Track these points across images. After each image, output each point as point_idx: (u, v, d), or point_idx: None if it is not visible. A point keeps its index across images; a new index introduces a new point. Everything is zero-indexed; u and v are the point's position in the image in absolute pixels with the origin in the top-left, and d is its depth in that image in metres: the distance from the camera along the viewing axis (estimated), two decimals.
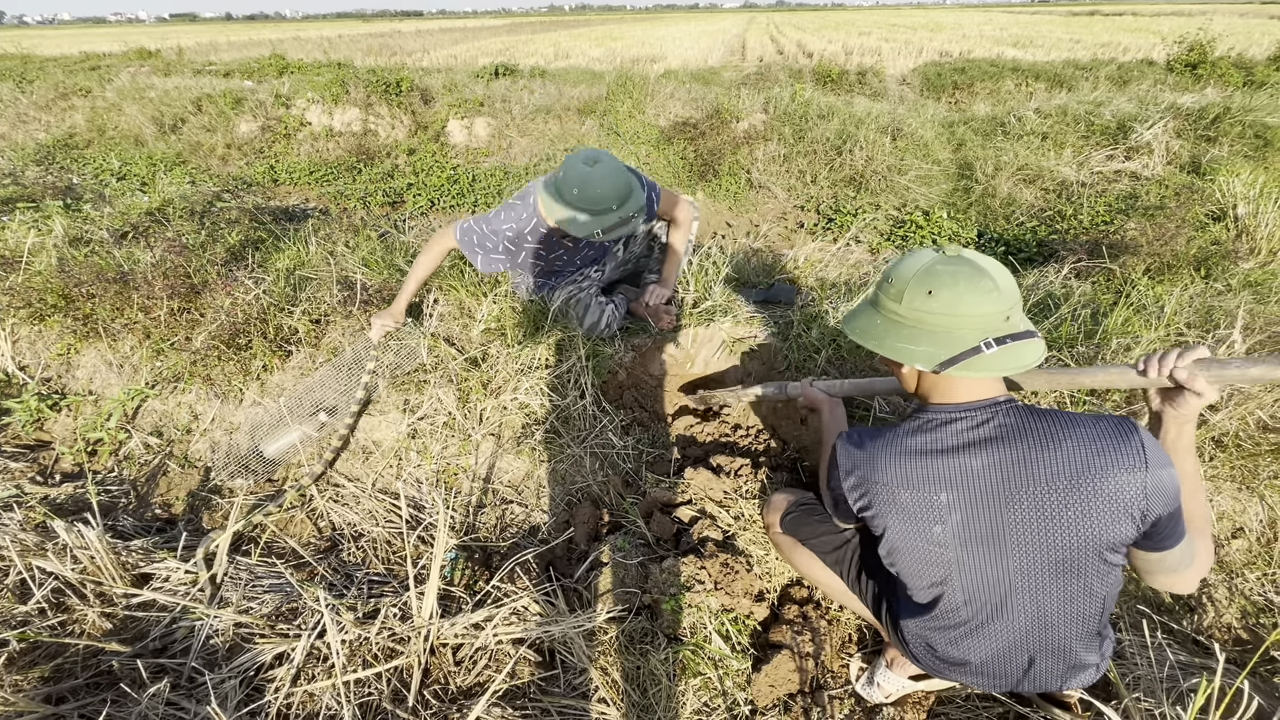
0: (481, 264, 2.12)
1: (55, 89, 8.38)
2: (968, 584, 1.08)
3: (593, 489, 1.96)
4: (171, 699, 1.32)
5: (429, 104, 6.92)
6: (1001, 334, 1.05)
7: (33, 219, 3.15)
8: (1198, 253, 3.21)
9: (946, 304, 1.05)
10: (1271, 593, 1.60)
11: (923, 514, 1.08)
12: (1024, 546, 1.04)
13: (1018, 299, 1.08)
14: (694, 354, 2.32)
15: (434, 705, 1.34)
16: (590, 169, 1.81)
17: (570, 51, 17.60)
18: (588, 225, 1.85)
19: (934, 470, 1.07)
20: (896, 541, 1.13)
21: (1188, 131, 5.30)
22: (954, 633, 1.12)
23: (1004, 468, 1.03)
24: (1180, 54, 9.77)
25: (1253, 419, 1.72)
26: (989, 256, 1.09)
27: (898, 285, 1.11)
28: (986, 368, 1.04)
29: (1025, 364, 1.05)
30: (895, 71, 11.56)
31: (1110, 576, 1.04)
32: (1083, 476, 0.98)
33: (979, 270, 1.05)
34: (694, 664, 1.40)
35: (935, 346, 1.06)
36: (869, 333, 1.16)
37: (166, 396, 2.35)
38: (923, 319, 1.08)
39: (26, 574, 1.55)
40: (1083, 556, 1.01)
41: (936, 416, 1.10)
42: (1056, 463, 1.00)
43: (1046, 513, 1.01)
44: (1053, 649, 1.08)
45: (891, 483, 1.09)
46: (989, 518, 1.04)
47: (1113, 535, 0.99)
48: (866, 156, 5.38)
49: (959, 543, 1.07)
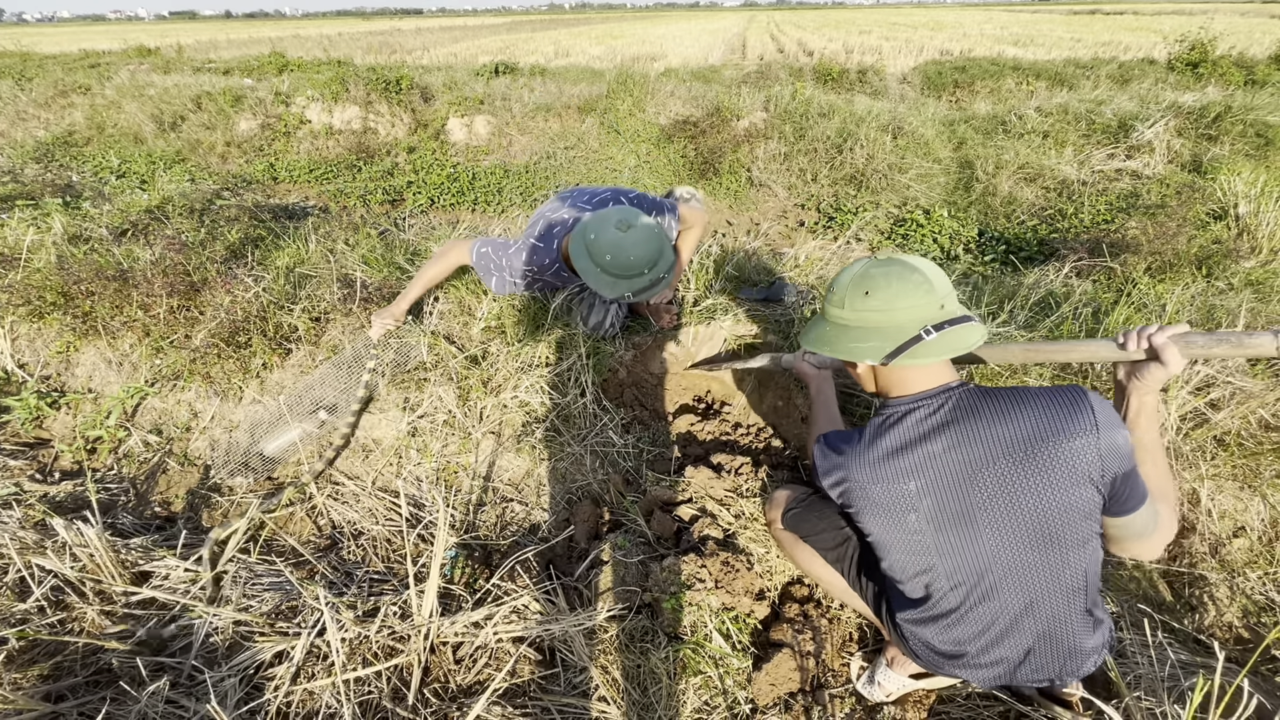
0: (495, 286, 2.12)
1: (54, 86, 8.37)
2: (950, 568, 1.12)
3: (593, 487, 1.95)
4: (171, 697, 1.32)
5: (429, 102, 6.91)
6: (939, 320, 1.12)
7: (32, 216, 3.14)
8: (1199, 251, 3.21)
9: (883, 300, 1.13)
10: (1273, 591, 1.59)
11: (896, 505, 1.13)
12: (995, 523, 1.07)
13: (950, 290, 1.16)
14: (695, 352, 2.32)
15: (434, 704, 1.34)
16: (624, 235, 1.74)
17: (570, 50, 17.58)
18: (618, 287, 1.78)
19: (900, 462, 1.12)
20: (878, 535, 1.18)
21: (1189, 130, 5.30)
22: (946, 621, 1.14)
23: (962, 448, 1.08)
24: (1181, 53, 9.75)
25: (1254, 418, 1.71)
26: (918, 256, 1.17)
27: (839, 293, 1.20)
28: (930, 353, 1.11)
29: (967, 344, 1.12)
30: (896, 70, 11.55)
31: (1087, 547, 1.07)
32: (1036, 445, 1.02)
33: (909, 267, 1.14)
34: (694, 662, 1.40)
35: (881, 341, 1.14)
36: (821, 339, 1.24)
37: (166, 394, 2.34)
38: (865, 318, 1.16)
39: (26, 572, 1.55)
40: (1054, 526, 1.04)
41: (896, 410, 1.16)
42: (1011, 435, 1.04)
43: (1009, 486, 1.05)
44: (1045, 631, 1.09)
45: (863, 480, 1.15)
46: (957, 499, 1.08)
47: (1077, 500, 1.02)
48: (867, 155, 5.38)
49: (933, 528, 1.11)
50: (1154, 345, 1.13)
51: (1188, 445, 1.73)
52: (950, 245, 4.30)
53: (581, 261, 1.80)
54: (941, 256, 4.21)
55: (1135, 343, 1.15)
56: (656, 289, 1.82)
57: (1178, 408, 1.73)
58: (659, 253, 1.79)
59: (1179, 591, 1.65)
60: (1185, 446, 1.73)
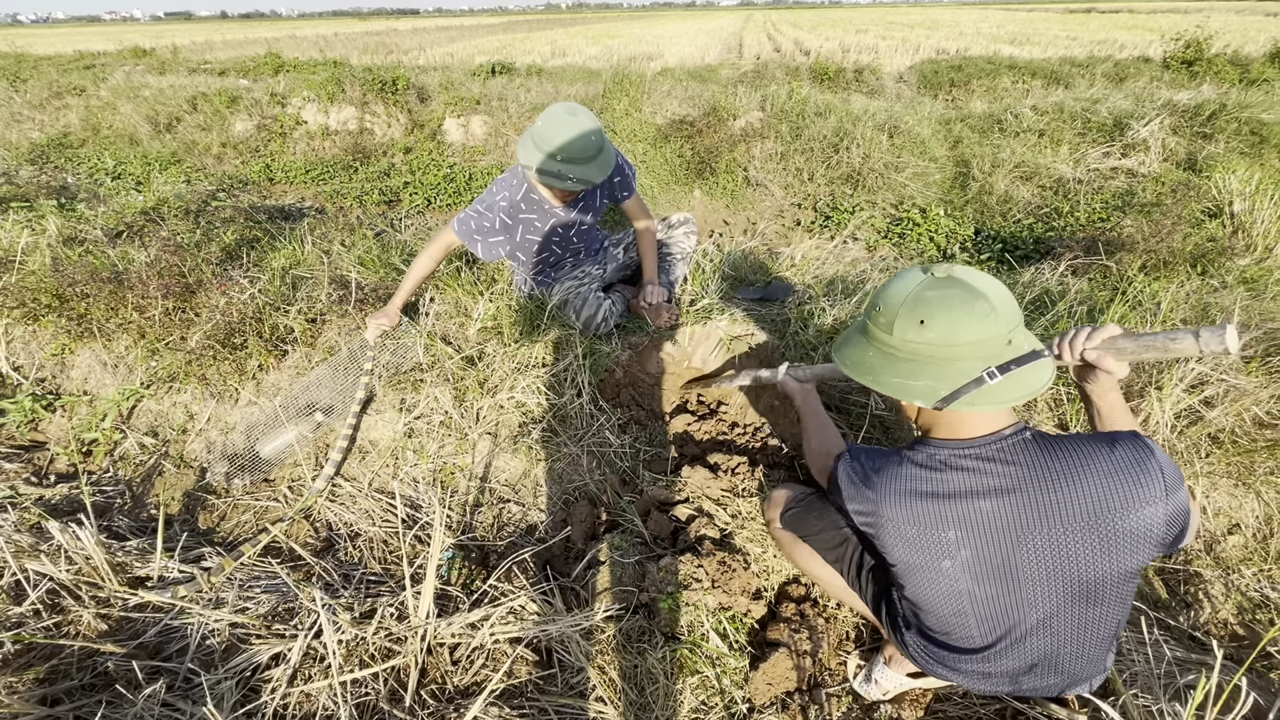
0: (483, 251, 2.12)
1: (49, 88, 8.34)
2: (982, 614, 1.05)
3: (590, 488, 1.95)
4: (167, 700, 1.31)
5: (425, 102, 6.90)
6: (1005, 360, 0.97)
7: (27, 218, 3.13)
8: (1194, 249, 3.22)
9: (942, 334, 0.97)
10: (1268, 588, 1.60)
11: (931, 549, 1.04)
12: (1039, 581, 1.00)
13: (1018, 317, 1.00)
14: (691, 352, 2.32)
15: (431, 705, 1.33)
16: (570, 119, 1.86)
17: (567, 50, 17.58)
18: (560, 169, 1.88)
19: (941, 510, 1.02)
20: (905, 571, 1.10)
21: (1184, 128, 5.31)
22: (967, 655, 1.11)
23: (1015, 508, 0.98)
24: (1176, 51, 9.78)
25: (1248, 415, 1.72)
26: (982, 273, 1.02)
27: (886, 314, 1.03)
28: (992, 400, 0.97)
29: (1034, 390, 0.98)
30: (892, 69, 11.56)
31: (1126, 603, 1.02)
32: (1103, 516, 0.93)
33: (973, 292, 0.97)
34: (691, 662, 1.40)
35: (934, 380, 0.99)
36: (861, 366, 1.09)
37: (162, 396, 2.34)
38: (918, 350, 1.00)
39: (21, 575, 1.54)
40: (1102, 587, 0.98)
41: (940, 452, 1.04)
42: (1074, 503, 0.95)
43: (1063, 551, 0.97)
44: (1064, 669, 1.07)
45: (898, 520, 1.05)
46: (1001, 554, 1.00)
47: (1135, 563, 0.96)
48: (864, 154, 5.38)
49: (969, 576, 1.03)
50: (1085, 359, 1.05)
51: (1182, 443, 1.74)
52: (946, 244, 4.30)
53: (529, 148, 1.90)
54: (938, 255, 4.22)
55: (1068, 354, 1.06)
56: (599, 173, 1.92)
57: (1172, 405, 1.74)
58: (599, 145, 1.91)
59: (1175, 589, 1.65)
60: (1180, 444, 1.74)
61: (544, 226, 2.13)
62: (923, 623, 1.16)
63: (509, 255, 2.20)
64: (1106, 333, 1.03)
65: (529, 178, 2.04)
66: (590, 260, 2.38)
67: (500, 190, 2.06)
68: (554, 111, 1.88)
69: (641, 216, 2.26)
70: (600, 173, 1.93)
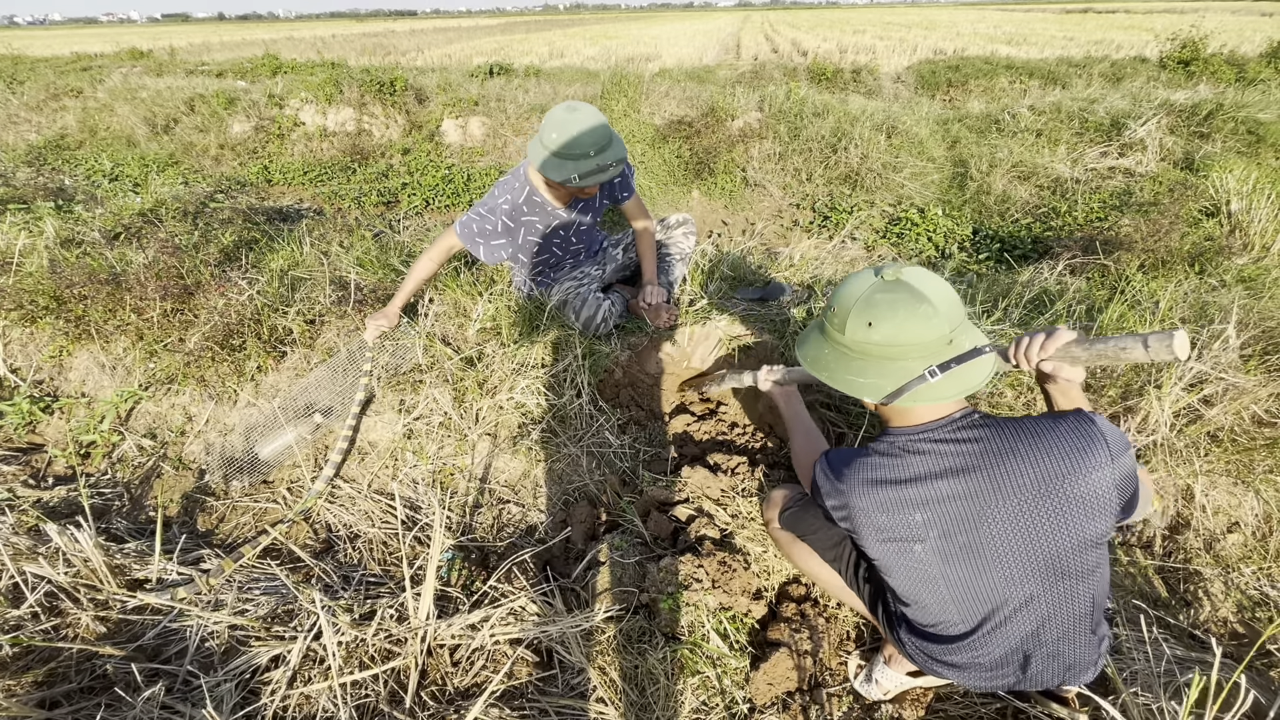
0: (485, 254, 2.12)
1: (46, 90, 8.33)
2: (959, 597, 1.09)
3: (590, 488, 1.95)
4: (166, 702, 1.31)
5: (423, 103, 6.90)
6: (945, 359, 1.04)
7: (24, 220, 3.12)
8: (1191, 248, 3.23)
9: (887, 335, 1.05)
10: (1267, 586, 1.60)
11: (902, 534, 1.09)
12: (1005, 558, 1.04)
13: (961, 317, 1.07)
14: (690, 352, 2.32)
15: (431, 706, 1.33)
16: (569, 115, 1.85)
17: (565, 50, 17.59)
18: (564, 169, 1.87)
19: (906, 492, 1.07)
20: (883, 560, 1.14)
21: (1181, 128, 5.33)
22: (954, 644, 1.13)
23: (970, 486, 1.03)
24: (1173, 51, 9.81)
25: (1247, 414, 1.72)
26: (930, 274, 1.08)
27: (840, 315, 1.10)
28: (932, 396, 1.04)
29: (972, 385, 1.05)
30: (890, 69, 11.58)
31: (1097, 571, 1.05)
32: (1052, 483, 0.99)
33: (917, 296, 1.04)
34: (692, 662, 1.40)
35: (880, 378, 1.07)
36: (819, 362, 1.17)
37: (160, 398, 2.33)
38: (866, 350, 1.08)
39: (19, 578, 1.54)
40: (1066, 558, 1.02)
41: (898, 440, 1.11)
42: (1024, 475, 1.00)
43: (1022, 523, 1.02)
44: (1050, 651, 1.09)
45: (869, 508, 1.10)
46: (965, 534, 1.05)
47: (1093, 530, 1.01)
48: (861, 154, 5.39)
49: (940, 559, 1.07)
50: (1041, 370, 1.10)
51: (1181, 441, 1.74)
52: (945, 244, 4.31)
53: (533, 149, 1.89)
54: (936, 255, 4.23)
55: (1024, 363, 1.11)
56: (604, 175, 1.90)
57: (1171, 404, 1.74)
58: (606, 139, 1.88)
59: (1174, 587, 1.66)
60: (1179, 443, 1.74)
61: (545, 228, 2.13)
62: (911, 617, 1.18)
63: (510, 258, 2.20)
64: (1059, 340, 1.07)
65: (532, 180, 2.04)
66: (589, 261, 2.38)
67: (502, 193, 2.05)
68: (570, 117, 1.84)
69: (640, 217, 2.26)
70: (620, 149, 1.94)
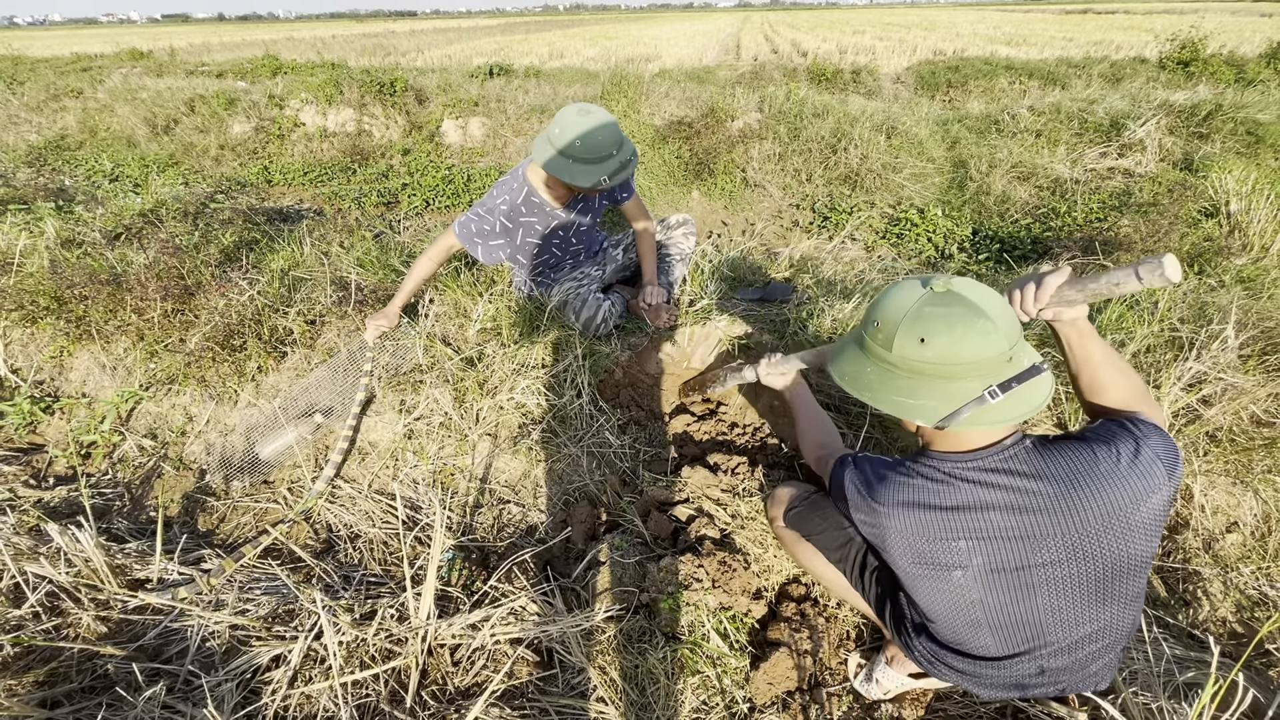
0: (483, 255, 2.13)
1: (46, 90, 8.33)
2: (997, 623, 1.04)
3: (590, 488, 1.95)
4: (167, 702, 1.31)
5: (423, 104, 6.91)
6: (1006, 378, 0.96)
7: (24, 221, 3.12)
8: (1191, 249, 3.23)
9: (942, 352, 0.95)
10: (1266, 586, 1.61)
11: (941, 560, 1.02)
12: (1053, 587, 0.98)
13: (1018, 332, 0.98)
14: (690, 352, 2.32)
15: (432, 706, 1.33)
16: (586, 119, 1.86)
17: (565, 51, 17.60)
18: (592, 173, 1.88)
19: (950, 522, 1.00)
20: (914, 581, 1.08)
21: (1180, 128, 5.33)
22: (982, 662, 1.09)
23: (1028, 524, 0.97)
24: (1172, 51, 9.82)
25: (1246, 414, 1.73)
26: (982, 286, 1.00)
27: (885, 330, 1.00)
28: (994, 419, 0.96)
29: (1036, 406, 0.97)
30: (889, 70, 11.59)
31: (1139, 601, 1.01)
32: (1116, 516, 0.93)
33: (974, 310, 0.94)
34: (692, 662, 1.40)
35: (934, 400, 0.97)
36: (860, 381, 1.07)
37: (160, 399, 2.33)
38: (917, 368, 0.98)
39: (20, 578, 1.54)
40: (1119, 583, 0.97)
41: (944, 465, 1.03)
42: (1088, 511, 0.94)
43: (1079, 555, 0.96)
44: (1075, 669, 1.06)
45: (905, 530, 1.04)
46: (1015, 561, 0.99)
47: (1148, 550, 0.96)
48: (861, 155, 5.40)
49: (981, 586, 1.01)
50: (1044, 319, 1.05)
51: (1180, 441, 1.74)
52: (945, 244, 4.31)
53: (551, 160, 1.88)
54: (936, 255, 4.23)
55: (1023, 313, 1.05)
56: (625, 172, 1.94)
57: (1170, 404, 1.74)
58: (620, 135, 1.91)
59: (1174, 587, 1.66)
60: (1178, 443, 1.74)
61: (544, 229, 2.14)
62: (934, 632, 1.14)
63: (509, 259, 2.20)
64: (1050, 287, 1.01)
65: (531, 181, 2.05)
66: (589, 262, 2.38)
67: (500, 194, 2.06)
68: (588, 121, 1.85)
69: (640, 218, 2.27)
70: (630, 143, 1.97)
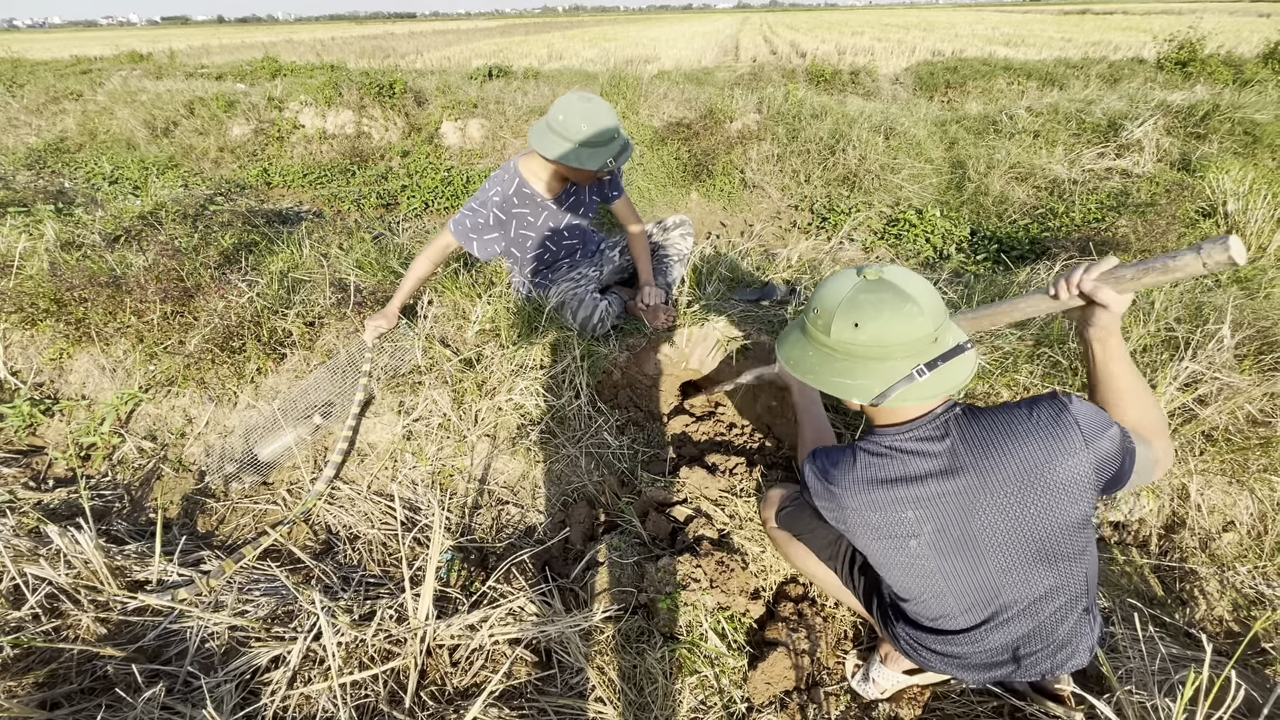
0: (479, 249, 2.14)
1: (46, 92, 8.34)
2: (960, 590, 1.11)
3: (588, 489, 1.96)
4: (167, 703, 1.32)
5: (423, 106, 6.91)
6: (931, 357, 1.06)
7: (24, 223, 3.13)
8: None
9: (874, 335, 1.04)
10: (1262, 585, 1.61)
11: (896, 531, 1.10)
12: (998, 548, 1.06)
13: (943, 314, 1.08)
14: (688, 353, 2.33)
15: (431, 706, 1.34)
16: (590, 105, 1.90)
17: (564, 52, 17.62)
18: (599, 156, 1.93)
19: (896, 493, 1.08)
20: (879, 557, 1.15)
21: (1178, 129, 5.34)
22: (956, 638, 1.15)
23: (958, 483, 1.05)
24: (1170, 52, 9.84)
25: (1242, 413, 1.73)
26: (911, 273, 1.09)
27: (824, 316, 1.09)
28: (922, 394, 1.05)
29: (957, 382, 1.06)
30: (888, 71, 11.61)
31: (1087, 552, 1.08)
32: (1033, 473, 1.01)
33: (902, 296, 1.04)
34: (690, 662, 1.40)
35: (868, 379, 1.06)
36: (803, 364, 1.16)
37: (160, 400, 2.34)
38: (852, 351, 1.07)
39: (20, 580, 1.54)
40: (1056, 542, 1.05)
41: (883, 439, 1.12)
42: (1006, 468, 1.02)
43: (1010, 514, 1.04)
44: (1046, 636, 1.11)
45: (860, 507, 1.12)
46: (958, 527, 1.07)
47: (1077, 513, 1.03)
48: (860, 156, 5.41)
49: (935, 553, 1.09)
50: (1085, 291, 1.11)
51: (1177, 441, 1.75)
52: (943, 245, 4.32)
53: (558, 147, 1.91)
54: (934, 256, 4.24)
55: (1065, 291, 1.13)
56: (626, 154, 1.99)
57: (1166, 404, 1.75)
58: (618, 120, 1.96)
59: (1169, 586, 1.66)
60: (1175, 442, 1.75)
61: (537, 221, 2.16)
62: (910, 612, 1.19)
63: (504, 252, 2.21)
64: (1105, 265, 1.09)
65: (521, 172, 2.08)
66: (587, 262, 2.39)
67: (493, 186, 2.09)
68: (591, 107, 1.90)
69: (631, 221, 2.29)
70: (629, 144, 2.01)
